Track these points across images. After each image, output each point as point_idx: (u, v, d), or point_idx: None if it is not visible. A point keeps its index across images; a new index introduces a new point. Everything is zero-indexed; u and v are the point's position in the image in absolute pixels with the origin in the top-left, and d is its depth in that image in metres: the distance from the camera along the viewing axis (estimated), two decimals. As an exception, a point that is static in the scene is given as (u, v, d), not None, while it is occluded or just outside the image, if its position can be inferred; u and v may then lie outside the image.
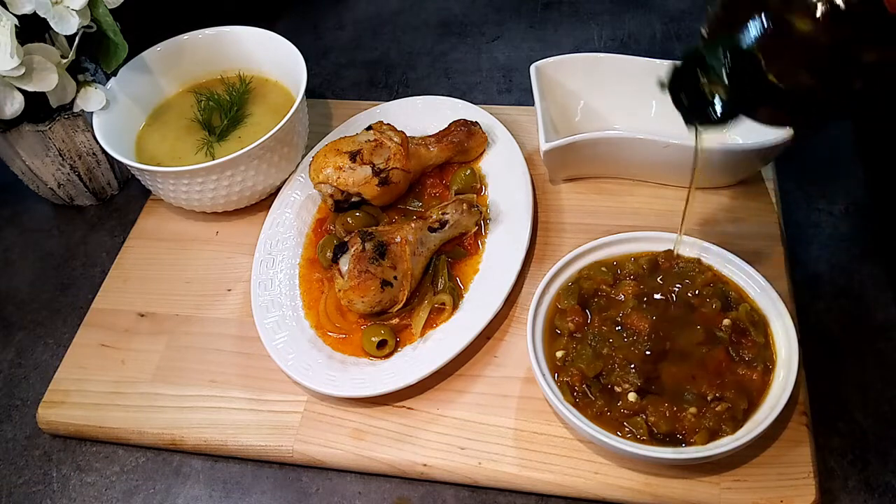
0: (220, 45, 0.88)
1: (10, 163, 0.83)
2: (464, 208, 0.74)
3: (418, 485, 0.64)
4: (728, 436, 0.58)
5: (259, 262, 0.76)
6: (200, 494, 0.66)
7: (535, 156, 0.82)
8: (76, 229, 0.88)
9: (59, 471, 0.69)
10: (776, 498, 0.58)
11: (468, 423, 0.65)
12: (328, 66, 1.02)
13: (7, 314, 0.81)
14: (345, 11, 1.09)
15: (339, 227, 0.76)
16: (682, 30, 0.98)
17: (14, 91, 0.73)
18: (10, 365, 0.77)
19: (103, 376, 0.72)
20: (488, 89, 0.95)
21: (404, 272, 0.69)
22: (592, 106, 0.83)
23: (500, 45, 1.01)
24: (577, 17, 1.03)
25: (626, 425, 0.59)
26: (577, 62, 0.82)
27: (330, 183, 0.75)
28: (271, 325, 0.71)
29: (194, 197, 0.78)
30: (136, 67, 0.85)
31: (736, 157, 0.73)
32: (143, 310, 0.77)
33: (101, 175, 0.87)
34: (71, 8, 0.72)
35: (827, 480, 0.61)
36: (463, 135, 0.80)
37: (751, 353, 0.61)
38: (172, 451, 0.69)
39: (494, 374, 0.68)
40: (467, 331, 0.67)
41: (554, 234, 0.77)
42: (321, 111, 0.92)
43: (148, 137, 0.85)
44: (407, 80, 0.98)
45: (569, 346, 0.64)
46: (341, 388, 0.66)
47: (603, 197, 0.79)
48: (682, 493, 0.59)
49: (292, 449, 0.65)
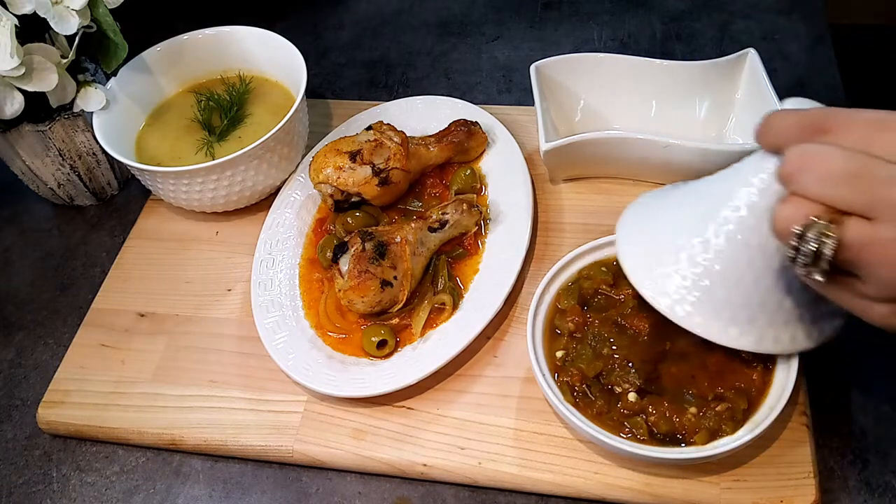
0: (220, 45, 0.88)
1: (10, 163, 0.83)
2: (464, 208, 0.74)
3: (418, 485, 0.64)
4: (728, 436, 0.58)
5: (259, 262, 0.76)
6: (200, 494, 0.66)
7: (535, 156, 0.82)
8: (76, 229, 0.88)
9: (59, 471, 0.69)
10: (776, 498, 0.58)
11: (468, 423, 0.65)
12: (328, 66, 1.02)
13: (7, 314, 0.81)
14: (345, 11, 1.09)
15: (339, 227, 0.76)
16: (682, 30, 0.98)
17: (14, 91, 0.73)
18: (10, 365, 0.77)
19: (103, 376, 0.72)
20: (488, 89, 0.95)
21: (404, 272, 0.69)
22: (592, 106, 0.83)
23: (500, 45, 1.01)
24: (577, 17, 1.03)
25: (626, 425, 0.59)
26: (577, 62, 0.82)
27: (330, 183, 0.75)
28: (271, 325, 0.71)
29: (194, 197, 0.78)
30: (136, 67, 0.85)
31: (736, 158, 0.72)
32: (143, 310, 0.77)
33: (101, 175, 0.87)
34: (71, 8, 0.72)
35: (827, 480, 0.61)
36: (463, 135, 0.80)
37: (750, 353, 0.61)
38: (172, 451, 0.69)
39: (494, 374, 0.68)
40: (467, 331, 0.67)
41: (554, 234, 0.77)
42: (321, 111, 0.92)
43: (148, 137, 0.85)
44: (407, 80, 0.98)
45: (569, 346, 0.64)
46: (341, 388, 0.66)
47: (603, 197, 0.79)
48: (682, 493, 0.59)
49: (292, 449, 0.65)
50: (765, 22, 0.98)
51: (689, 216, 0.56)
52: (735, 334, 0.55)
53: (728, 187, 0.54)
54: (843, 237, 0.43)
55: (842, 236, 0.43)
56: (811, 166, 0.44)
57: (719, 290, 0.54)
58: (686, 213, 0.57)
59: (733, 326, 0.55)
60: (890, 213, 0.42)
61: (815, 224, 0.44)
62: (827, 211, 0.44)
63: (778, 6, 0.99)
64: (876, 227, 0.43)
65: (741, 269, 0.53)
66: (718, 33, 0.97)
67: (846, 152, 0.44)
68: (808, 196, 0.45)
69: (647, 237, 0.58)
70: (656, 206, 0.60)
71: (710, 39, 0.97)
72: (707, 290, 0.55)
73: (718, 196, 0.54)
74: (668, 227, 0.57)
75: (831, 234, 0.43)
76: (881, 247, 0.43)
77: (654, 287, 0.56)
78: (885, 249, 0.43)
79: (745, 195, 0.52)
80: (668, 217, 0.58)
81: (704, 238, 0.54)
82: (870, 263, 0.44)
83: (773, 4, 0.99)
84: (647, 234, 0.58)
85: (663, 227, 0.58)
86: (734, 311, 0.55)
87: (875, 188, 0.43)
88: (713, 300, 0.55)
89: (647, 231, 0.59)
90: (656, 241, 0.58)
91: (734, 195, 0.53)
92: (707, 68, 0.79)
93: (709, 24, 0.99)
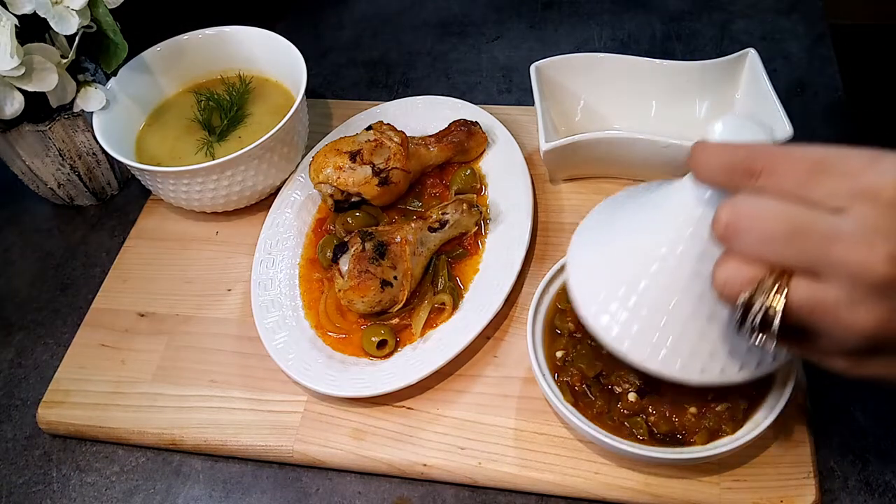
0: (220, 45, 0.88)
1: (10, 163, 0.83)
2: (464, 208, 0.74)
3: (418, 485, 0.64)
4: (728, 436, 0.58)
5: (259, 262, 0.76)
6: (200, 494, 0.66)
7: (535, 156, 0.82)
8: (76, 229, 0.88)
9: (59, 471, 0.69)
10: (776, 498, 0.58)
11: (468, 423, 0.65)
12: (328, 66, 1.02)
13: (7, 314, 0.81)
14: (345, 11, 1.09)
15: (339, 227, 0.76)
16: (682, 30, 0.98)
17: (14, 91, 0.73)
18: (10, 365, 0.77)
19: (103, 376, 0.72)
20: (488, 89, 0.95)
21: (404, 272, 0.69)
22: (592, 106, 0.83)
23: (500, 45, 1.01)
24: (577, 17, 1.03)
25: (626, 425, 0.59)
26: (577, 62, 0.82)
27: (330, 183, 0.75)
28: (271, 325, 0.71)
29: (194, 197, 0.78)
30: (136, 67, 0.85)
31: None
32: (143, 310, 0.77)
33: (101, 175, 0.87)
34: (71, 8, 0.72)
35: (827, 480, 0.61)
36: (463, 135, 0.80)
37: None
38: (172, 451, 0.69)
39: (494, 374, 0.68)
40: (467, 331, 0.67)
41: (554, 234, 0.77)
42: (321, 111, 0.92)
43: (148, 137, 0.85)
44: (407, 80, 0.98)
45: (569, 346, 0.64)
46: (341, 388, 0.66)
47: (603, 197, 0.78)
48: (682, 493, 0.59)
49: (292, 449, 0.65)
50: (765, 22, 0.98)
51: (629, 245, 0.54)
52: (661, 359, 0.52)
53: (665, 216, 0.52)
54: (790, 301, 0.40)
55: (788, 300, 0.40)
56: (746, 227, 0.41)
57: (650, 316, 0.52)
58: (626, 242, 0.55)
59: (660, 351, 0.52)
60: (834, 271, 0.39)
61: (759, 290, 0.41)
62: (770, 271, 0.41)
63: (778, 6, 0.99)
64: (824, 286, 0.40)
65: (670, 295, 0.51)
66: (718, 33, 0.97)
67: (782, 209, 0.40)
68: (747, 256, 0.42)
69: (593, 265, 0.57)
70: (605, 228, 0.58)
71: (710, 39, 0.97)
72: (641, 319, 0.53)
73: (657, 225, 0.52)
74: (610, 258, 0.55)
75: (777, 301, 0.41)
76: (832, 307, 0.40)
77: (596, 311, 0.55)
78: (837, 311, 0.40)
79: (676, 228, 0.50)
80: (611, 248, 0.56)
81: (643, 267, 0.52)
82: (821, 325, 0.41)
83: (773, 4, 0.99)
84: (593, 263, 0.57)
85: (608, 257, 0.56)
86: (660, 337, 0.52)
87: (816, 246, 0.39)
88: (645, 326, 0.53)
89: (594, 260, 0.57)
90: (600, 271, 0.56)
91: (669, 224, 0.51)
92: (707, 68, 0.79)
93: (709, 24, 0.99)
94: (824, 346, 0.42)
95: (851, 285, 0.39)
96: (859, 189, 0.39)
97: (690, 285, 0.50)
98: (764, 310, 0.41)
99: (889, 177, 0.38)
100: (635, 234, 0.54)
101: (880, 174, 0.39)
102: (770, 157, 0.42)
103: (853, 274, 0.39)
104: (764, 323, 0.42)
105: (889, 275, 0.38)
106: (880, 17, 1.73)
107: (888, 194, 0.38)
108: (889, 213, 0.38)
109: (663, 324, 0.51)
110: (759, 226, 0.41)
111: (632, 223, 0.55)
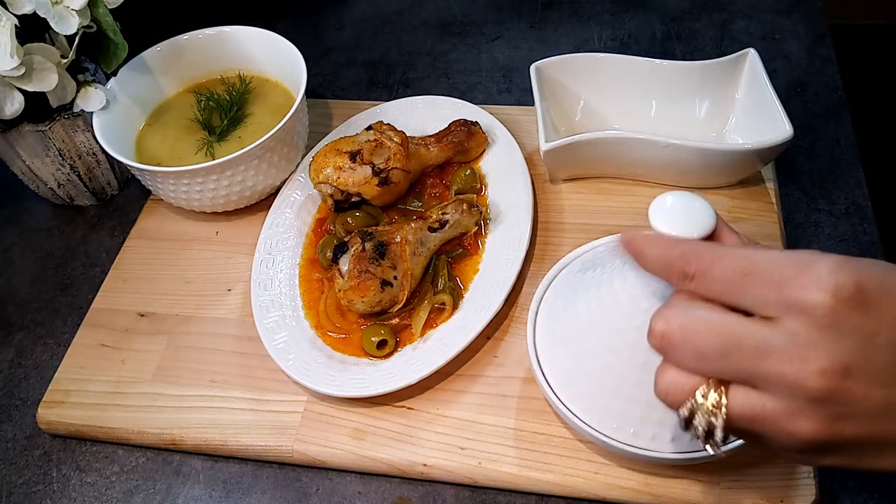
0: (220, 45, 0.88)
1: (10, 163, 0.83)
2: (464, 208, 0.74)
3: (418, 485, 0.64)
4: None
5: (259, 262, 0.76)
6: (200, 494, 0.66)
7: (535, 156, 0.82)
8: (76, 229, 0.88)
9: (59, 471, 0.69)
10: (776, 498, 0.58)
11: (468, 423, 0.65)
12: (328, 66, 1.02)
13: (7, 314, 0.81)
14: (345, 11, 1.09)
15: (339, 227, 0.76)
16: (682, 30, 0.98)
17: (14, 91, 0.73)
18: (10, 365, 0.77)
19: (103, 376, 0.72)
20: (488, 89, 0.95)
21: (404, 272, 0.69)
22: (592, 106, 0.83)
23: (500, 45, 1.01)
24: (577, 17, 1.03)
25: (625, 425, 0.59)
26: (577, 62, 0.82)
27: (330, 183, 0.75)
28: (271, 325, 0.71)
29: (194, 197, 0.78)
30: (136, 67, 0.85)
31: (736, 157, 0.73)
32: (143, 310, 0.77)
33: (101, 175, 0.87)
34: (71, 8, 0.72)
35: (827, 480, 0.61)
36: (463, 135, 0.80)
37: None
38: (172, 451, 0.69)
39: (494, 374, 0.68)
40: (467, 331, 0.67)
41: (554, 234, 0.77)
42: (321, 111, 0.92)
43: (148, 137, 0.85)
44: (407, 80, 0.98)
45: (569, 346, 0.64)
46: (341, 388, 0.66)
47: (603, 197, 0.79)
48: (682, 493, 0.59)
49: (292, 449, 0.66)
50: (765, 22, 0.98)
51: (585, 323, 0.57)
52: (610, 428, 0.57)
53: (619, 309, 0.54)
54: (730, 412, 0.41)
55: (728, 411, 0.41)
56: (680, 341, 0.42)
57: (601, 386, 0.56)
58: (582, 323, 0.58)
59: (610, 420, 0.57)
60: (770, 384, 0.40)
61: (700, 405, 0.42)
62: (708, 382, 0.42)
63: (778, 6, 0.99)
64: (762, 397, 0.40)
65: (621, 366, 0.54)
66: (718, 33, 0.97)
67: (714, 321, 0.41)
68: (685, 369, 0.42)
69: (556, 345, 0.61)
70: (562, 312, 0.61)
71: (710, 39, 0.97)
72: (602, 392, 0.57)
73: (609, 318, 0.55)
74: (570, 338, 0.59)
75: (717, 416, 0.41)
76: (771, 417, 0.40)
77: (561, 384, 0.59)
78: (777, 420, 0.40)
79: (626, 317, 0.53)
80: (571, 328, 0.59)
81: (601, 339, 0.56)
82: (763, 432, 0.41)
83: (773, 4, 0.99)
84: (556, 344, 0.61)
85: (570, 340, 0.59)
86: (607, 403, 0.56)
87: (750, 361, 0.40)
88: (604, 399, 0.57)
89: (557, 343, 0.61)
90: (562, 347, 0.60)
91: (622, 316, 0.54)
92: (707, 68, 0.79)
93: (709, 24, 0.99)
94: (773, 446, 0.43)
95: (789, 396, 0.39)
96: (789, 300, 0.39)
97: (643, 374, 0.53)
98: (707, 421, 0.42)
99: (817, 290, 0.38)
100: (591, 328, 0.56)
101: (807, 286, 0.39)
102: (701, 261, 0.42)
103: (789, 386, 0.39)
104: (707, 433, 0.42)
105: (824, 388, 0.38)
106: (880, 17, 1.73)
107: (817, 309, 0.38)
108: (818, 327, 0.38)
109: (610, 391, 0.56)
110: (692, 339, 0.41)
111: (586, 316, 0.57)
